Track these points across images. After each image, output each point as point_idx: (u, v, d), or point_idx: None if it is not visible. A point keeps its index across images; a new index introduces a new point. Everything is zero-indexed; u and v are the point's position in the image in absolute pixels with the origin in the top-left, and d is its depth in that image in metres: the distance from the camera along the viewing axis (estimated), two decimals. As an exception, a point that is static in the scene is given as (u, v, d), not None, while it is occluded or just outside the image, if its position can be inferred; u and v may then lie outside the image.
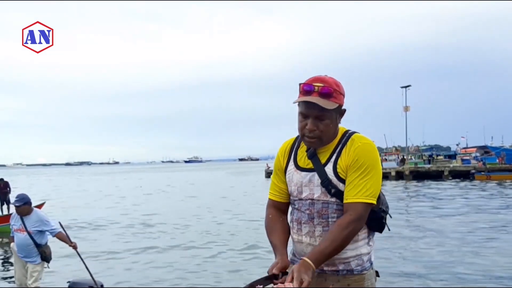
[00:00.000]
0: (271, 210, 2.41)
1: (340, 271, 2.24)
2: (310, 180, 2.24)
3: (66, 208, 21.59)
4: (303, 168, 2.28)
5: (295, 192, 2.30)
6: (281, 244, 2.25)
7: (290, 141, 2.42)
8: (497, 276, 8.20)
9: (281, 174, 2.39)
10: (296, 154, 2.34)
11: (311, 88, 2.13)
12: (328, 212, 2.21)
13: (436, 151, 67.58)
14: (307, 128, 2.16)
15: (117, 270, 9.26)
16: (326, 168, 2.20)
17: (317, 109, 2.12)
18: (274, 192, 2.42)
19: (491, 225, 14.13)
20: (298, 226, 2.30)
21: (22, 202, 5.89)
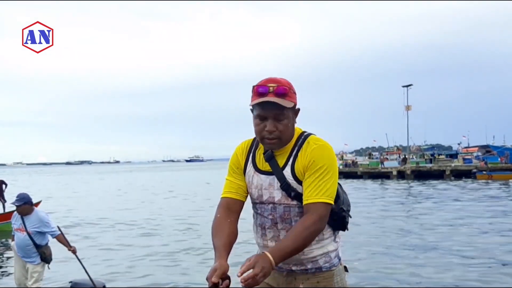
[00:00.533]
0: (221, 210, 2.30)
1: (309, 269, 2.27)
2: (270, 183, 2.23)
3: (62, 207, 21.61)
4: (262, 171, 2.27)
5: (255, 195, 2.29)
6: (223, 247, 2.14)
7: (249, 141, 2.38)
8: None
9: (239, 172, 2.34)
10: (255, 156, 2.31)
11: (266, 89, 2.12)
12: (291, 216, 2.21)
13: (438, 151, 67.62)
14: (266, 129, 2.13)
15: (119, 270, 9.22)
16: (285, 172, 2.20)
17: (275, 109, 2.11)
18: (230, 189, 2.32)
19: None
20: (262, 231, 2.30)
21: (22, 202, 5.85)
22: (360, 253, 10.11)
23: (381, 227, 14.16)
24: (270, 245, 2.25)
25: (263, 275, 1.87)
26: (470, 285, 7.74)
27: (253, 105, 2.16)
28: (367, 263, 9.25)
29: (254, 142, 2.35)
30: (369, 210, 17.92)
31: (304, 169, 2.16)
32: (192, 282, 8.23)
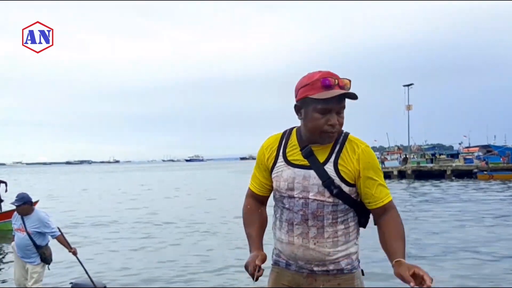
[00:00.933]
0: (250, 200, 2.42)
1: (330, 271, 2.23)
2: (305, 177, 2.18)
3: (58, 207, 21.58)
4: (296, 164, 2.22)
5: (284, 188, 2.23)
6: (257, 236, 2.28)
7: (277, 137, 2.35)
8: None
9: (264, 169, 2.35)
10: (285, 151, 2.28)
11: (332, 82, 2.08)
12: (324, 213, 2.18)
13: (439, 150, 67.61)
14: (330, 123, 2.10)
15: (117, 270, 9.15)
16: (326, 167, 2.16)
17: (340, 102, 2.11)
18: (255, 185, 2.41)
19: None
20: (289, 227, 2.24)
21: (21, 202, 5.81)
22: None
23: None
24: (296, 242, 2.21)
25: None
26: (472, 285, 7.69)
27: (315, 98, 2.09)
28: (369, 264, 9.18)
29: (284, 136, 2.32)
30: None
31: (356, 169, 2.15)
32: (192, 281, 8.20)
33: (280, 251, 2.33)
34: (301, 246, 2.21)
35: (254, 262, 2.10)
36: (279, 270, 2.34)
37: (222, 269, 9.11)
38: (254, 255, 2.15)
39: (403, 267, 1.88)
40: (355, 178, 2.16)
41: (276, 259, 2.37)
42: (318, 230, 2.18)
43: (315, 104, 2.10)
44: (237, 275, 8.42)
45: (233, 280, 8.28)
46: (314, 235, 2.18)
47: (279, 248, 2.33)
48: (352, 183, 2.16)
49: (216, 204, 22.26)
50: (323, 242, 2.18)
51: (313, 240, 2.18)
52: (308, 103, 2.13)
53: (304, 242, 2.20)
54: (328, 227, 2.18)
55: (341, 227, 2.20)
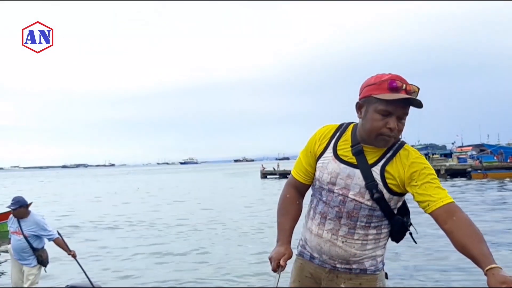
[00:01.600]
0: (290, 189, 2.37)
1: (353, 269, 2.20)
2: (349, 175, 2.14)
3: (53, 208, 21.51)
4: (343, 160, 2.18)
5: (326, 180, 2.20)
6: (290, 229, 2.25)
7: (332, 127, 2.30)
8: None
9: (311, 157, 2.29)
10: (337, 144, 2.23)
11: (400, 86, 2.03)
12: (359, 215, 2.14)
13: (432, 150, 67.70)
14: (389, 126, 2.04)
15: (116, 273, 9.14)
16: (373, 170, 2.12)
17: (404, 107, 2.04)
18: (299, 172, 2.34)
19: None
20: (321, 219, 2.21)
21: (17, 205, 5.79)
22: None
23: None
24: (325, 236, 2.19)
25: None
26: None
27: (380, 99, 2.04)
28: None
29: (339, 130, 2.27)
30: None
31: (404, 176, 2.08)
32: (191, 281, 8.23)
33: (306, 242, 2.32)
34: (328, 241, 2.19)
35: (279, 261, 2.11)
36: (303, 262, 2.33)
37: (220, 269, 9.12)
38: (281, 251, 2.14)
39: (504, 276, 1.69)
40: (402, 186, 2.11)
41: (302, 251, 2.36)
42: (349, 230, 2.16)
43: (377, 105, 2.05)
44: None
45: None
46: (344, 233, 2.16)
47: (307, 238, 2.31)
48: (395, 191, 2.12)
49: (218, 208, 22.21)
50: (352, 242, 2.16)
51: (342, 238, 2.17)
52: (370, 103, 2.08)
53: (333, 238, 2.18)
54: (360, 229, 2.16)
55: (372, 232, 2.18)
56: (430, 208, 2.01)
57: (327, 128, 2.31)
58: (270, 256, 2.15)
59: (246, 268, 9.12)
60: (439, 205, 1.98)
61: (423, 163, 2.10)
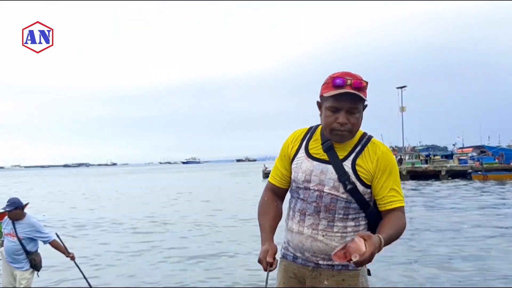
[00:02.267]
0: (268, 193, 2.46)
1: (335, 266, 2.26)
2: (322, 171, 2.24)
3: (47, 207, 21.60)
4: (316, 158, 2.28)
5: (301, 179, 2.29)
6: (270, 228, 2.31)
7: (303, 130, 2.42)
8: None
9: (286, 160, 2.40)
10: (308, 144, 2.34)
11: (344, 82, 2.13)
12: (336, 208, 2.23)
13: (433, 151, 67.47)
14: (338, 121, 2.15)
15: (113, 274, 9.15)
16: (344, 164, 2.21)
17: (350, 102, 2.14)
18: (275, 176, 2.45)
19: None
20: (301, 216, 2.29)
21: (13, 207, 5.61)
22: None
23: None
24: (306, 232, 2.26)
25: (370, 255, 1.84)
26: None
27: (327, 96, 2.17)
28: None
29: (309, 131, 2.39)
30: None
31: (373, 170, 2.21)
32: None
33: (289, 242, 2.38)
34: (309, 237, 2.25)
35: (266, 259, 2.17)
36: (287, 263, 2.39)
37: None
38: (265, 249, 2.20)
39: (368, 233, 1.91)
40: (371, 179, 2.22)
41: (284, 253, 2.42)
42: (329, 223, 2.22)
43: (327, 102, 2.18)
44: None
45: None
46: (324, 227, 2.23)
47: (289, 238, 2.37)
48: (367, 184, 2.22)
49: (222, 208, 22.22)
50: (332, 235, 2.23)
51: (322, 232, 2.23)
52: (323, 101, 2.21)
53: (313, 233, 2.24)
54: (339, 222, 2.23)
55: (351, 224, 2.24)
56: (381, 207, 2.23)
57: (298, 131, 2.43)
58: (258, 259, 2.21)
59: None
60: (387, 208, 2.21)
61: (388, 160, 2.23)
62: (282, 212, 2.43)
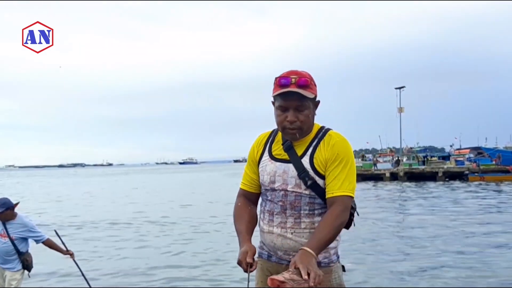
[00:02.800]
0: (241, 199, 2.50)
1: None
2: (285, 171, 2.30)
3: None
4: (278, 158, 2.34)
5: (267, 181, 2.35)
6: (246, 231, 2.33)
7: (266, 134, 2.49)
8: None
9: (254, 165, 2.46)
10: (271, 147, 2.40)
11: (288, 81, 2.20)
12: (301, 204, 2.28)
13: (431, 152, 67.72)
14: (288, 120, 2.22)
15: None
16: (303, 160, 2.27)
17: (297, 100, 2.20)
18: (246, 182, 2.50)
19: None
20: (270, 217, 2.36)
21: (4, 208, 5.43)
22: (354, 254, 10.16)
23: (375, 228, 14.24)
24: (276, 231, 2.32)
25: (312, 273, 1.90)
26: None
27: (275, 96, 2.24)
28: (360, 264, 9.34)
29: (272, 134, 2.46)
30: (363, 211, 17.95)
31: (326, 161, 2.25)
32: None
33: (263, 242, 2.45)
34: (279, 236, 2.31)
35: (246, 260, 2.18)
36: (263, 262, 2.45)
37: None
38: (244, 251, 2.21)
39: (297, 258, 1.97)
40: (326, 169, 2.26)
41: (260, 252, 2.47)
42: (295, 220, 2.28)
43: (276, 102, 2.26)
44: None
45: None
46: (291, 224, 2.29)
47: (262, 238, 2.45)
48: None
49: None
50: (300, 232, 2.28)
51: (290, 229, 2.29)
52: (274, 101, 2.29)
53: (282, 232, 2.30)
54: (305, 218, 2.28)
55: (318, 219, 2.29)
56: (327, 194, 2.23)
57: (261, 135, 2.50)
58: (237, 261, 2.22)
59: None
60: (328, 196, 2.22)
61: (339, 148, 2.26)
62: (257, 216, 2.47)
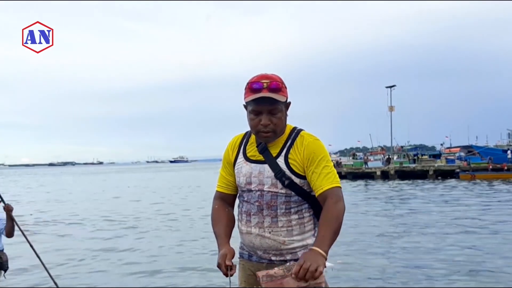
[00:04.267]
0: (217, 201, 2.53)
1: (287, 261, 2.31)
2: (260, 171, 2.35)
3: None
4: (253, 160, 2.39)
5: (243, 182, 2.40)
6: (225, 234, 2.38)
7: (240, 136, 2.54)
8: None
9: (229, 167, 2.50)
10: (245, 148, 2.45)
11: (260, 85, 2.24)
12: (277, 203, 2.32)
13: (421, 151, 68.04)
14: (261, 123, 2.27)
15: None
16: (278, 161, 2.32)
17: (269, 104, 2.24)
18: (222, 184, 2.54)
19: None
20: (247, 217, 2.39)
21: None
22: (340, 251, 10.11)
23: (364, 226, 14.23)
24: (254, 231, 2.36)
25: (315, 269, 1.98)
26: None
27: (248, 101, 2.28)
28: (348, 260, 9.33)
29: (246, 136, 2.51)
30: (354, 210, 18.04)
31: (302, 161, 2.30)
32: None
33: (243, 243, 2.50)
34: (258, 236, 2.35)
35: (225, 263, 2.22)
36: (244, 262, 2.50)
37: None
38: (223, 254, 2.25)
39: (305, 255, 2.04)
40: (304, 170, 2.31)
41: (241, 252, 2.53)
42: (272, 219, 2.32)
43: (249, 106, 2.30)
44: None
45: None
46: (268, 224, 2.32)
47: (241, 239, 2.49)
48: (302, 175, 2.32)
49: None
50: (278, 230, 2.32)
51: (268, 229, 2.33)
52: (247, 105, 2.33)
53: (260, 231, 2.34)
54: (282, 216, 2.32)
55: (295, 217, 2.34)
56: (316, 194, 2.28)
57: (235, 138, 2.56)
58: (217, 264, 2.26)
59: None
60: (318, 193, 2.26)
61: (313, 149, 2.31)
62: (234, 218, 2.51)
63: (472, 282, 7.69)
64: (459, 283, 7.66)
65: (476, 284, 7.60)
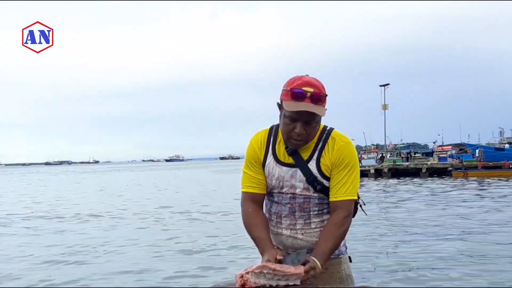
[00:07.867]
0: (250, 204, 2.37)
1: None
2: (292, 175, 2.29)
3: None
4: (284, 163, 2.31)
5: (276, 185, 2.33)
6: (267, 238, 2.25)
7: (264, 132, 2.40)
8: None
9: (258, 166, 2.37)
10: (275, 148, 2.35)
11: (303, 94, 2.12)
12: (310, 206, 2.30)
13: (414, 149, 68.10)
14: (296, 131, 2.17)
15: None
16: (309, 165, 2.26)
17: (308, 115, 2.14)
18: (252, 184, 2.37)
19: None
20: (277, 219, 2.35)
21: None
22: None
23: (355, 224, 14.26)
24: (285, 233, 2.33)
25: (310, 276, 2.07)
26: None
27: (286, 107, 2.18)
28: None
29: (272, 133, 2.38)
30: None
31: (331, 165, 2.25)
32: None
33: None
34: (289, 237, 2.32)
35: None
36: None
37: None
38: (273, 255, 2.15)
39: (317, 265, 2.09)
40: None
41: None
42: (305, 221, 2.30)
43: (285, 110, 2.18)
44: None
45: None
46: (301, 226, 2.30)
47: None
48: None
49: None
50: (311, 232, 2.30)
51: (300, 231, 2.30)
52: (282, 106, 2.21)
53: (292, 233, 2.31)
54: (315, 218, 2.30)
55: (327, 217, 2.30)
56: (330, 198, 2.28)
57: (259, 135, 2.41)
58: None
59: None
60: (331, 200, 2.27)
61: (342, 153, 2.26)
62: (267, 220, 2.40)
63: (469, 282, 7.63)
64: (455, 282, 7.56)
65: (475, 284, 7.55)
